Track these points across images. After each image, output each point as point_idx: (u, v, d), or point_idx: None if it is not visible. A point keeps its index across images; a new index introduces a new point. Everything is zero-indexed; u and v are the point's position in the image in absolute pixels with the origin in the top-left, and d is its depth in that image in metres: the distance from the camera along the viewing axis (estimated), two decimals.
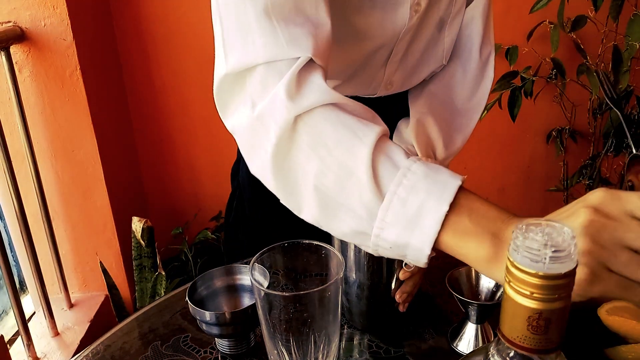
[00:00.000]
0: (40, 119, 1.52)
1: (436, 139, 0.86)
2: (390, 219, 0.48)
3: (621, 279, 0.40)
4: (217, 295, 0.73)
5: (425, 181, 0.47)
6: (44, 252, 1.54)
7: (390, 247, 0.49)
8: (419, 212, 0.47)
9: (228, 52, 0.57)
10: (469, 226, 0.46)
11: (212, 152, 1.95)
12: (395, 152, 0.50)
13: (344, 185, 0.50)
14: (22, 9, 1.42)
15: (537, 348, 0.33)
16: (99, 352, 0.72)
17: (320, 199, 0.52)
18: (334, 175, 0.50)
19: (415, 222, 0.47)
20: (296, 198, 0.54)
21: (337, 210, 0.51)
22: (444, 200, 0.46)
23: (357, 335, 0.73)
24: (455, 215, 0.46)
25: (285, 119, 0.51)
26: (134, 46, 1.81)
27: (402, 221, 0.47)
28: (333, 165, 0.50)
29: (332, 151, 0.50)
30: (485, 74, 0.88)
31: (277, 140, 0.52)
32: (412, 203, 0.47)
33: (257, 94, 0.54)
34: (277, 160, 0.53)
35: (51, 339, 1.52)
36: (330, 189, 0.51)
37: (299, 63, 0.53)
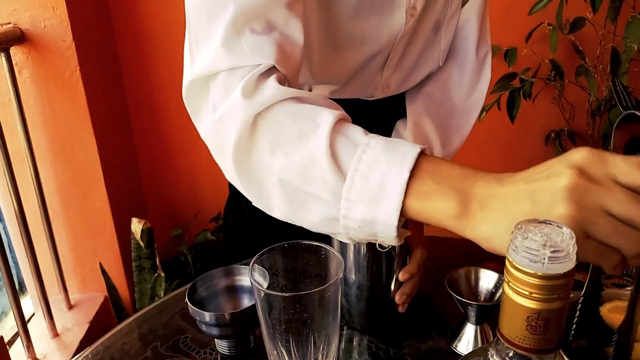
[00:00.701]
0: (40, 120, 1.52)
1: (433, 140, 0.86)
2: (355, 196, 0.47)
3: (598, 246, 0.39)
4: (216, 296, 0.73)
5: (385, 154, 0.47)
6: (44, 253, 1.54)
7: (359, 227, 0.48)
8: (381, 185, 0.46)
9: (194, 58, 0.58)
10: (433, 186, 0.45)
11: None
12: (353, 131, 0.50)
13: (307, 174, 0.50)
14: (22, 10, 1.43)
15: (536, 348, 0.33)
16: (98, 353, 0.72)
17: (287, 192, 0.52)
18: (297, 165, 0.50)
19: (379, 195, 0.46)
20: (265, 197, 0.54)
21: (304, 201, 0.51)
22: (405, 167, 0.45)
23: (357, 336, 0.73)
24: (418, 179, 0.46)
25: (243, 118, 0.51)
26: (133, 47, 1.81)
27: (366, 196, 0.47)
28: (295, 155, 0.50)
29: (294, 143, 0.50)
30: (482, 74, 0.88)
31: (236, 141, 0.52)
32: (374, 177, 0.46)
33: (218, 98, 0.55)
34: (239, 161, 0.53)
35: (50, 340, 1.52)
36: (295, 180, 0.50)
37: (259, 68, 0.53)
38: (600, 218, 0.39)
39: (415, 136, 0.86)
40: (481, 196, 0.44)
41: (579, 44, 1.70)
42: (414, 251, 0.73)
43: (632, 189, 0.39)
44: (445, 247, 0.97)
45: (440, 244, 0.97)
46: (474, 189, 0.44)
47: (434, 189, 0.45)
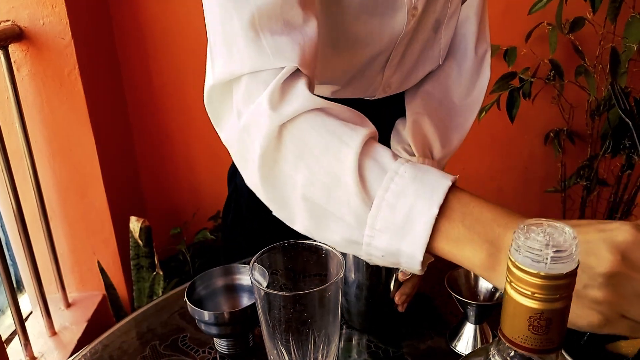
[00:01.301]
0: (39, 118, 1.52)
1: (432, 139, 0.86)
2: (380, 226, 0.46)
3: (630, 324, 0.40)
4: (215, 295, 0.73)
5: (413, 184, 0.45)
6: (42, 251, 1.54)
7: (383, 255, 0.48)
8: (408, 217, 0.45)
9: (215, 62, 0.56)
10: (463, 232, 0.44)
11: (211, 151, 1.95)
12: (382, 154, 0.48)
13: (332, 193, 0.48)
14: (20, 7, 1.42)
15: (538, 348, 0.33)
16: (97, 351, 0.72)
17: (310, 209, 0.51)
18: (321, 184, 0.49)
19: (405, 228, 0.45)
20: (287, 209, 0.53)
21: (327, 220, 0.50)
22: (434, 202, 0.44)
23: (356, 336, 0.73)
24: (447, 220, 0.45)
25: (269, 128, 0.50)
26: (132, 45, 1.81)
27: (391, 228, 0.46)
28: (320, 173, 0.49)
29: (319, 159, 0.49)
30: (482, 72, 0.88)
31: (262, 151, 0.51)
32: (400, 208, 0.45)
33: (242, 104, 0.54)
34: (264, 171, 0.52)
35: (48, 339, 1.52)
36: (319, 198, 0.49)
37: (284, 72, 0.52)
38: (637, 302, 0.39)
39: (414, 135, 0.86)
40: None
41: (579, 44, 1.70)
42: None
43: None
44: None
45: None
46: (505, 240, 0.43)
47: (464, 236, 0.44)
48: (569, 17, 1.65)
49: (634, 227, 0.40)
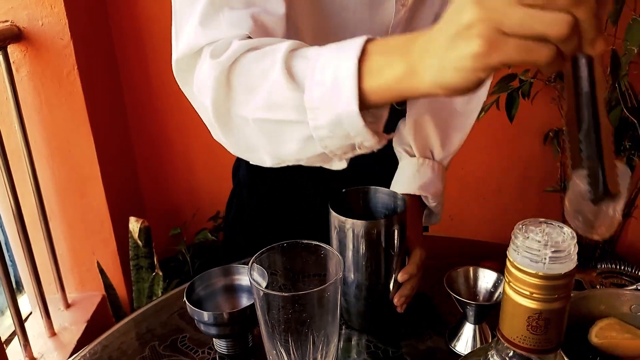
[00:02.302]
0: (38, 119, 1.52)
1: (434, 139, 0.86)
2: (317, 102, 0.48)
3: (519, 42, 0.37)
4: (215, 295, 0.73)
5: (333, 54, 0.48)
6: (41, 252, 1.54)
7: (331, 132, 0.49)
8: (335, 80, 0.47)
9: (178, 38, 0.61)
10: (380, 60, 0.46)
11: (210, 151, 1.94)
12: (306, 50, 0.51)
13: (272, 102, 0.51)
14: (19, 8, 1.42)
15: (537, 348, 0.33)
16: (96, 352, 0.72)
17: (263, 130, 0.53)
18: (263, 100, 0.52)
19: (335, 90, 0.47)
20: (251, 147, 0.57)
21: (279, 131, 0.53)
22: (352, 56, 0.46)
23: (355, 336, 0.73)
24: (366, 60, 0.46)
25: (214, 77, 0.54)
26: (131, 46, 1.81)
27: (325, 97, 0.47)
28: (261, 93, 0.52)
29: (259, 82, 0.52)
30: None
31: (212, 102, 0.55)
32: (327, 78, 0.47)
33: (197, 68, 0.58)
34: (220, 121, 0.56)
35: (48, 339, 1.52)
36: (264, 114, 0.52)
37: (234, 38, 0.56)
38: (510, 9, 0.36)
39: (415, 135, 0.86)
40: (419, 49, 0.44)
41: None
42: (413, 252, 0.73)
43: None
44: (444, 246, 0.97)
45: (439, 244, 0.97)
46: (413, 46, 0.44)
47: (382, 62, 0.46)
48: None
49: None
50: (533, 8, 0.36)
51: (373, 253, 0.67)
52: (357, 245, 0.67)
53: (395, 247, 0.68)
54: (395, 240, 0.68)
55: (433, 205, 0.84)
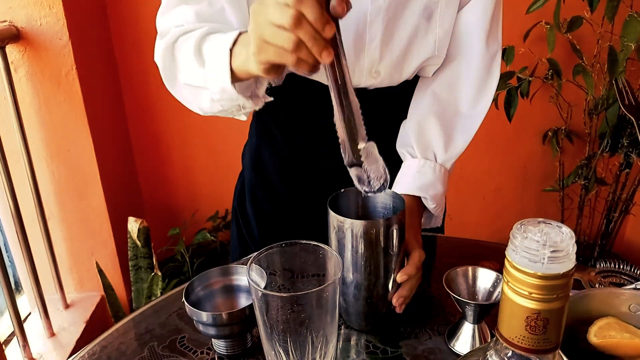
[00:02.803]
0: (36, 119, 1.52)
1: (436, 141, 0.85)
2: (210, 76, 0.68)
3: (276, 48, 0.56)
4: (213, 295, 0.73)
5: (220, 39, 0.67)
6: (40, 252, 1.54)
7: (220, 96, 0.69)
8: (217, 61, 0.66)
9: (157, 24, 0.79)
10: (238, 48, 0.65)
11: (209, 152, 1.94)
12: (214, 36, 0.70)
13: (191, 74, 0.72)
14: (17, 8, 1.42)
15: (535, 348, 0.33)
16: (95, 352, 0.72)
17: (190, 92, 0.75)
18: (186, 69, 0.73)
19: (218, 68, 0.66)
20: (188, 103, 0.78)
21: (198, 92, 0.73)
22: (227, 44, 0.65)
23: (354, 336, 0.73)
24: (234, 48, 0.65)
25: (161, 51, 0.75)
26: (130, 46, 1.81)
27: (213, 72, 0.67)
28: (187, 65, 0.73)
29: (185, 57, 0.72)
30: (492, 72, 0.87)
31: (162, 68, 0.76)
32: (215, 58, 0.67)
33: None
34: (168, 82, 0.77)
35: (47, 340, 1.52)
36: (188, 79, 0.74)
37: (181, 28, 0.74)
38: (267, 27, 0.56)
39: (417, 136, 0.85)
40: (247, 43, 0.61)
41: (577, 43, 1.70)
42: (412, 253, 0.73)
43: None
44: (443, 246, 0.97)
45: (438, 243, 0.97)
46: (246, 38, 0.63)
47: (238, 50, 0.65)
48: (567, 16, 1.65)
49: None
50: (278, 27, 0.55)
51: (372, 253, 0.67)
52: (356, 245, 0.67)
53: (394, 247, 0.68)
54: (394, 241, 0.68)
55: (432, 207, 0.83)
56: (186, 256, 1.87)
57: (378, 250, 0.67)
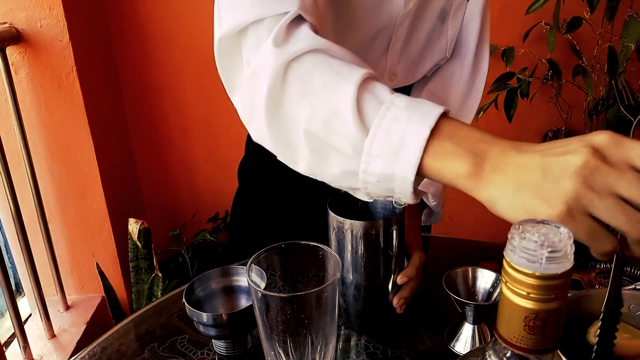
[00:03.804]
0: (37, 121, 1.52)
1: None
2: (376, 151, 0.48)
3: (596, 226, 0.40)
4: (214, 296, 0.73)
5: (407, 111, 0.48)
6: (40, 253, 1.54)
7: (377, 181, 0.50)
8: (401, 141, 0.47)
9: (221, 16, 0.58)
10: (450, 147, 0.46)
11: (209, 153, 1.95)
12: (380, 89, 0.51)
13: (332, 126, 0.51)
14: (18, 10, 1.42)
15: (534, 348, 0.33)
16: (95, 354, 0.72)
17: (311, 144, 0.53)
18: (322, 118, 0.51)
19: (398, 151, 0.47)
20: (291, 149, 0.55)
21: (327, 153, 0.52)
22: (425, 125, 0.46)
23: (354, 336, 0.73)
24: (436, 139, 0.47)
25: (274, 66, 0.52)
26: (130, 47, 1.81)
27: (386, 151, 0.48)
28: (321, 108, 0.51)
29: (320, 94, 0.51)
30: (480, 67, 0.88)
31: (268, 90, 0.53)
32: (395, 133, 0.47)
33: (250, 53, 0.56)
34: (270, 111, 0.54)
35: (47, 341, 1.52)
36: (319, 131, 0.51)
37: (287, 17, 0.54)
38: (607, 197, 0.39)
39: None
40: (495, 161, 0.45)
41: (576, 44, 1.70)
42: (413, 255, 0.73)
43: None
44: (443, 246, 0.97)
45: (438, 244, 0.97)
46: (489, 153, 0.45)
47: (451, 150, 0.46)
48: (567, 17, 1.65)
49: (613, 133, 0.41)
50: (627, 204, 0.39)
51: (371, 254, 0.67)
52: (356, 246, 0.67)
53: (393, 247, 0.68)
54: (394, 241, 0.68)
55: (433, 204, 0.84)
56: (186, 257, 1.87)
57: (378, 251, 0.67)
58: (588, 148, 0.40)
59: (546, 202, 0.41)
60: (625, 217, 0.39)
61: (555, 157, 0.42)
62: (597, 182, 0.39)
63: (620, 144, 0.40)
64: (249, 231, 1.01)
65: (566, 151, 0.41)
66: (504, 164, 0.44)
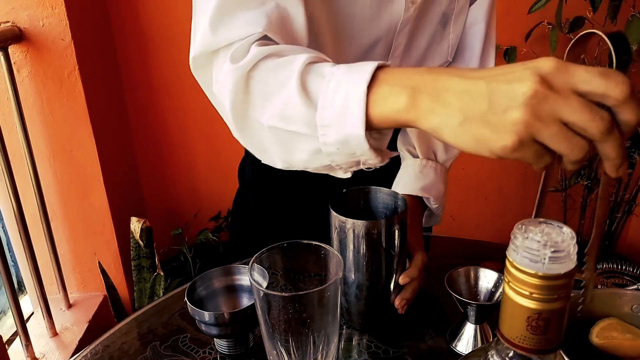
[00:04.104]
0: (39, 119, 1.52)
1: (436, 141, 0.86)
2: (327, 121, 0.50)
3: (539, 149, 0.41)
4: (216, 295, 0.73)
5: (345, 75, 0.50)
6: (43, 252, 1.54)
7: (338, 149, 0.52)
8: (345, 103, 0.49)
9: (195, 35, 0.61)
10: (387, 89, 0.48)
11: (211, 152, 1.95)
12: (322, 66, 0.52)
13: (286, 114, 0.53)
14: (20, 9, 1.42)
15: (537, 348, 0.33)
16: (97, 352, 0.72)
17: (277, 138, 0.56)
18: (278, 110, 0.54)
19: (344, 113, 0.49)
20: (265, 150, 0.59)
21: (291, 141, 0.55)
22: (363, 80, 0.48)
23: (356, 336, 0.73)
24: (375, 88, 0.48)
25: (233, 81, 0.56)
26: (132, 46, 1.81)
27: (335, 117, 0.50)
28: (277, 102, 0.54)
29: (275, 92, 0.54)
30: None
31: (231, 105, 0.56)
32: (338, 98, 0.49)
33: (216, 70, 0.60)
34: (237, 123, 0.58)
35: (50, 339, 1.52)
36: (279, 123, 0.54)
37: (250, 38, 0.57)
38: (552, 124, 0.40)
39: (419, 136, 0.86)
40: (433, 89, 0.45)
41: None
42: (415, 255, 0.73)
43: (591, 97, 0.40)
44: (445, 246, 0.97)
45: (440, 243, 0.97)
46: (424, 82, 0.46)
47: (387, 91, 0.48)
48: (569, 17, 1.65)
49: (558, 60, 0.41)
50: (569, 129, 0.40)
51: (373, 253, 0.67)
52: (358, 245, 0.67)
53: (395, 247, 0.68)
54: (396, 241, 0.68)
55: (434, 207, 0.84)
56: (188, 256, 1.87)
57: (380, 251, 0.67)
58: (535, 76, 0.40)
59: (496, 132, 0.42)
60: (567, 143, 0.41)
61: (502, 85, 0.42)
62: (544, 111, 0.40)
63: (565, 70, 0.41)
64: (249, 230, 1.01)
65: (512, 79, 0.41)
66: (444, 91, 0.45)
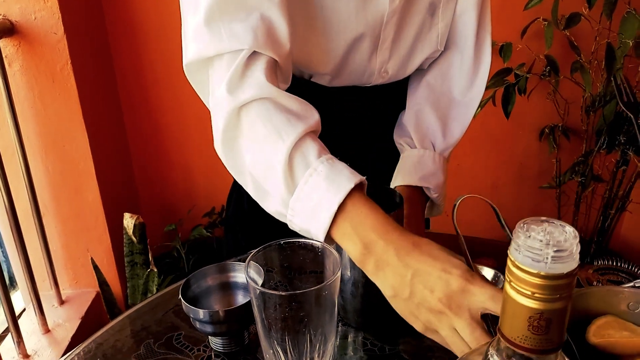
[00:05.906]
0: (31, 114, 1.50)
1: (434, 130, 0.86)
2: (298, 210, 0.58)
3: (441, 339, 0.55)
4: (210, 292, 0.73)
5: (325, 182, 0.56)
6: (34, 248, 1.53)
7: (300, 229, 0.60)
8: (317, 207, 0.56)
9: (187, 45, 0.64)
10: (349, 230, 0.56)
11: (205, 147, 1.93)
12: (310, 151, 0.58)
13: (268, 177, 0.60)
14: (12, 2, 1.40)
15: (538, 348, 0.32)
16: (90, 350, 0.71)
17: (254, 184, 0.63)
18: (262, 167, 0.60)
19: (313, 216, 0.57)
20: (241, 178, 0.65)
21: (266, 194, 0.62)
22: (335, 201, 0.55)
23: (352, 333, 0.73)
24: (341, 218, 0.56)
25: (227, 111, 0.60)
26: (125, 40, 1.80)
27: (305, 212, 0.58)
28: (261, 158, 0.60)
29: (262, 146, 0.60)
30: (482, 60, 0.87)
31: (223, 129, 0.61)
32: (312, 199, 0.57)
33: (214, 84, 0.63)
34: (225, 144, 0.63)
35: (42, 336, 1.51)
36: (259, 177, 0.61)
37: (242, 56, 0.60)
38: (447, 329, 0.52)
39: (416, 127, 0.85)
40: (378, 257, 0.55)
41: (574, 40, 1.70)
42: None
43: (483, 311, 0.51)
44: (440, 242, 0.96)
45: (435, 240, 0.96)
46: (375, 248, 0.55)
47: (348, 233, 0.56)
48: (565, 13, 1.65)
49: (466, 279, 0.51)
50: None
51: None
52: None
53: None
54: None
55: (435, 196, 0.84)
56: (182, 252, 1.86)
57: None
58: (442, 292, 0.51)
59: (412, 316, 0.55)
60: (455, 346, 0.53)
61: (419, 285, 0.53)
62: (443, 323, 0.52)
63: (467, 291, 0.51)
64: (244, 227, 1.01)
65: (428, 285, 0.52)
66: (385, 264, 0.54)
